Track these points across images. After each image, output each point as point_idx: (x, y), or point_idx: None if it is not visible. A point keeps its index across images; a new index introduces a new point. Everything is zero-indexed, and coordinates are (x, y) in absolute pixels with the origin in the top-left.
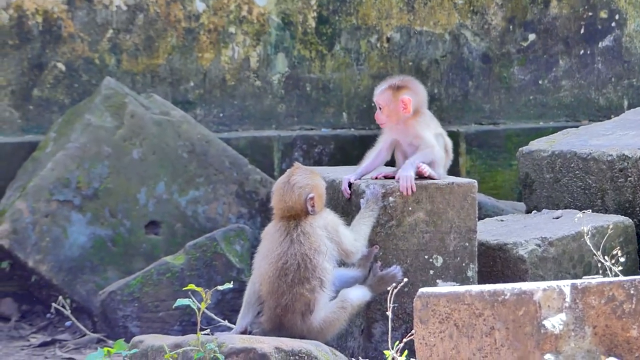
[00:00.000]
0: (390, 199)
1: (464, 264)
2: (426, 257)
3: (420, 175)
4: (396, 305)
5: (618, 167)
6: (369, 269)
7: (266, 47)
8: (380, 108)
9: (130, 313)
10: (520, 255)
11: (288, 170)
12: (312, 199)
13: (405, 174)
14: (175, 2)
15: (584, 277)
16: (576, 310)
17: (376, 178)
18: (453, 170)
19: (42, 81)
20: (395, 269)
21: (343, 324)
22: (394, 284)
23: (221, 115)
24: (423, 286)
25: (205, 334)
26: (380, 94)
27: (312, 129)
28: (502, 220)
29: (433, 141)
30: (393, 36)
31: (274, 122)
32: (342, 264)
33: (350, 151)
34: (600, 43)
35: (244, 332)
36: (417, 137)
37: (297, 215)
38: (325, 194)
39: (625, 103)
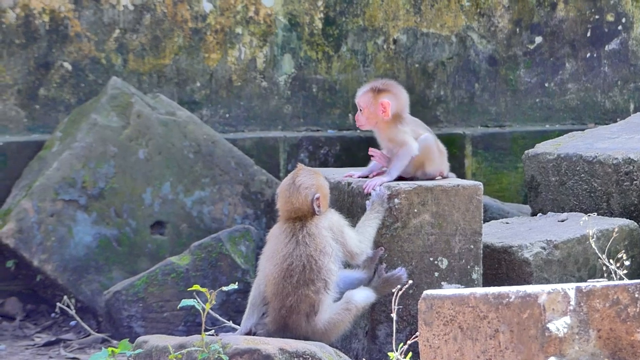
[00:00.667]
0: (396, 200)
1: (469, 267)
2: (431, 259)
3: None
4: (401, 307)
5: (624, 170)
6: (373, 270)
7: (273, 48)
8: (360, 110)
9: (135, 313)
10: (525, 258)
11: (291, 172)
12: (318, 199)
13: (379, 194)
14: (182, 3)
15: (588, 280)
16: (581, 313)
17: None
18: (459, 173)
19: (48, 80)
20: (400, 271)
21: (347, 325)
22: (398, 286)
23: (227, 115)
24: (428, 288)
25: (209, 335)
26: (362, 96)
27: (318, 130)
28: (507, 223)
29: (406, 139)
30: (400, 38)
31: (280, 123)
32: (347, 265)
33: (356, 152)
34: (606, 46)
35: (248, 333)
36: (390, 140)
37: (303, 217)
38: (330, 194)
39: (632, 106)
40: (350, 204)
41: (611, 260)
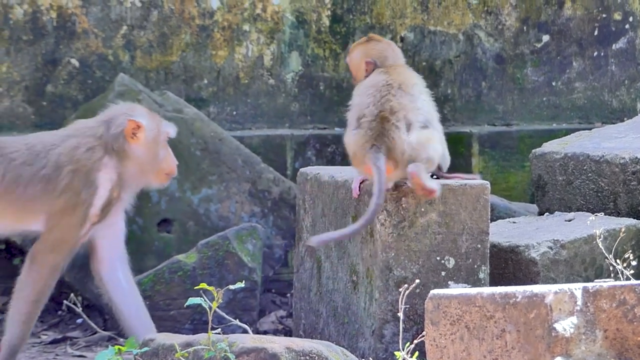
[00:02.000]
0: (403, 199)
1: (475, 266)
2: (438, 258)
3: None
4: (407, 306)
5: (631, 170)
6: None
7: (280, 45)
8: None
9: None
10: (532, 258)
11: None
12: None
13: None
14: None
15: (595, 280)
16: (587, 313)
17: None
18: (466, 172)
19: (55, 77)
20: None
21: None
22: (405, 285)
23: (234, 113)
24: (435, 287)
25: (216, 333)
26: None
27: (325, 128)
28: (514, 222)
29: None
30: (407, 36)
31: (287, 120)
32: None
33: None
34: (613, 45)
35: None
36: None
37: None
38: (336, 193)
39: (639, 105)
40: (357, 202)
41: (618, 261)
